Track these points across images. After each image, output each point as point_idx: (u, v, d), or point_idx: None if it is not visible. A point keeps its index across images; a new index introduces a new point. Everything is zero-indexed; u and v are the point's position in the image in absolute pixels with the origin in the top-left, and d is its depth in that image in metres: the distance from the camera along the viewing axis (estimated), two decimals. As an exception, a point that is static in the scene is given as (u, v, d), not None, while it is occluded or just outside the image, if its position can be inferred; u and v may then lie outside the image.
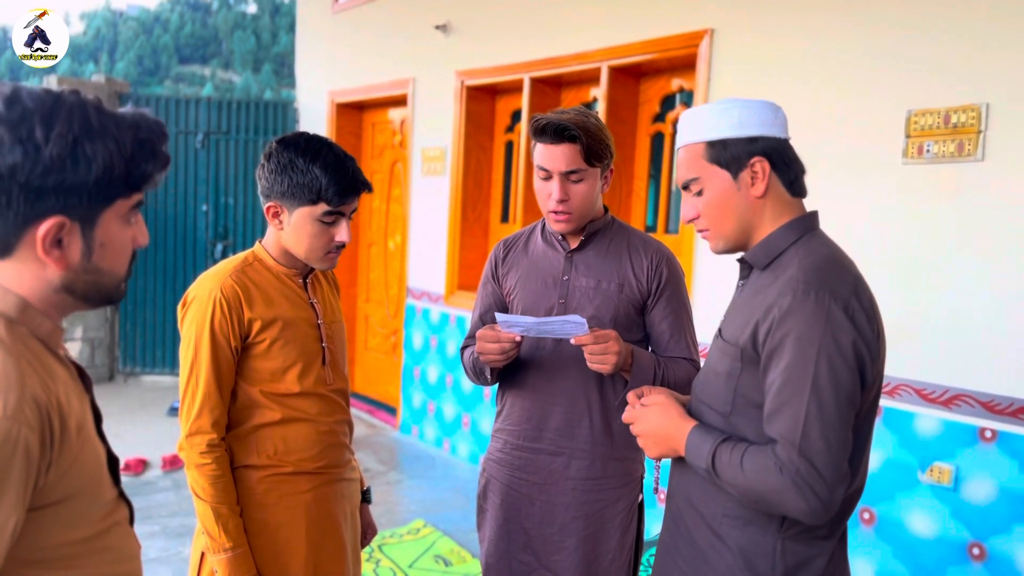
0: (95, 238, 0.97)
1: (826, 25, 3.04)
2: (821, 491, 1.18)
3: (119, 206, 0.98)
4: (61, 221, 0.93)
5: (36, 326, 0.97)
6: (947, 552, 2.72)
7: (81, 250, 0.96)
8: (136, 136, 0.97)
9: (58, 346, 1.02)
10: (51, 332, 1.00)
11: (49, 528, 0.95)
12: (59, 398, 0.94)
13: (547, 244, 1.95)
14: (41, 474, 0.90)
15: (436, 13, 4.98)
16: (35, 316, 0.97)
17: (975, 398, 2.66)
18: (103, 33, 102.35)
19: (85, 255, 0.97)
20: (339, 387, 1.83)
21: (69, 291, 0.99)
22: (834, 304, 1.22)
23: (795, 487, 1.18)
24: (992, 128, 2.61)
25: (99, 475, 1.02)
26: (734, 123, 1.34)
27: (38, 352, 0.96)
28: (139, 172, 0.98)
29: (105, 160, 0.93)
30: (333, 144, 1.70)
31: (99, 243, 0.97)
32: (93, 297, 1.02)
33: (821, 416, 1.19)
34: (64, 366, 1.02)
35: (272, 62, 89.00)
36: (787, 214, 1.36)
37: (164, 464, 4.50)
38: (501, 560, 1.94)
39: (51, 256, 0.94)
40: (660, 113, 4.02)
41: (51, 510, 0.94)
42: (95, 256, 0.98)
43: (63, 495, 0.95)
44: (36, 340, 0.97)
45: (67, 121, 0.91)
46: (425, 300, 5.21)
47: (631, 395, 1.48)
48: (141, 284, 6.55)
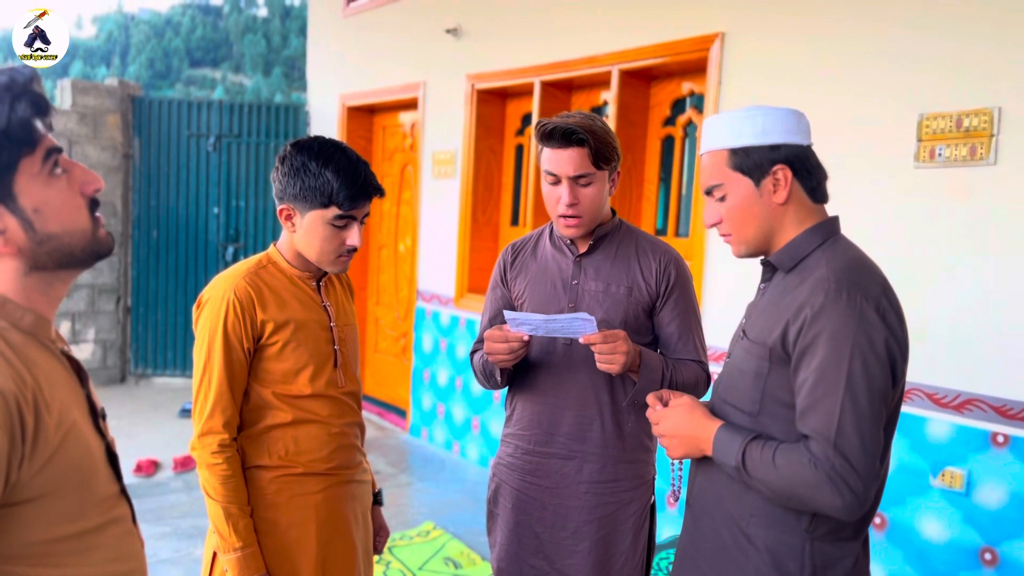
0: (24, 208, 0.93)
1: (837, 28, 3.04)
2: (856, 486, 1.19)
3: (27, 166, 0.93)
4: None
5: (17, 319, 0.95)
6: (959, 557, 2.71)
7: (20, 225, 0.93)
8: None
9: (47, 337, 1.00)
10: (35, 323, 0.97)
11: (31, 524, 0.92)
12: (36, 392, 0.91)
13: (556, 248, 1.95)
14: (13, 469, 0.88)
15: (447, 17, 5.00)
16: (14, 310, 0.95)
17: (987, 402, 2.65)
18: (115, 36, 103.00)
19: (27, 228, 0.93)
20: (351, 390, 1.84)
21: (40, 267, 0.96)
22: (866, 303, 1.24)
23: (830, 482, 1.20)
24: (1004, 132, 2.60)
25: (90, 470, 0.98)
26: (757, 131, 1.35)
27: (19, 345, 0.93)
28: (17, 123, 0.91)
29: None
30: (347, 148, 1.71)
31: (32, 210, 0.93)
32: (71, 261, 0.98)
33: (856, 412, 1.21)
34: (55, 357, 1.00)
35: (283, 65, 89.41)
36: (809, 219, 1.38)
37: (176, 465, 4.52)
38: (513, 564, 1.94)
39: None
40: (671, 117, 4.02)
41: (31, 506, 0.91)
42: (37, 224, 0.93)
43: (43, 491, 0.92)
44: (18, 332, 0.95)
45: None
46: (435, 303, 5.22)
47: (651, 397, 1.49)
48: (152, 286, 6.59)
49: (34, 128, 0.93)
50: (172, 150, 6.51)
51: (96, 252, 1.00)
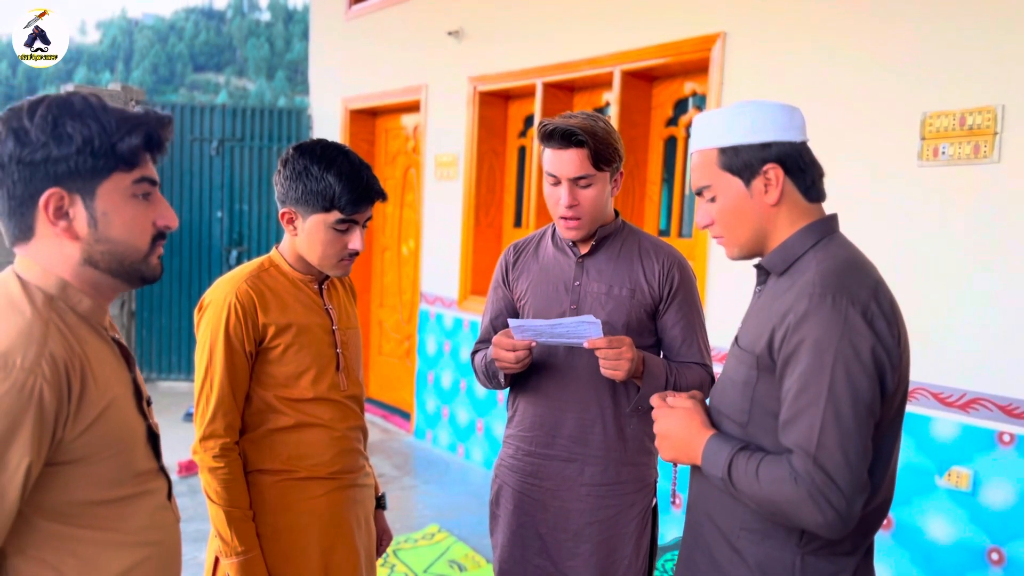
0: (96, 208, 1.07)
1: (839, 27, 3.03)
2: (838, 503, 1.13)
3: (117, 179, 1.07)
4: (57, 192, 1.04)
5: (75, 303, 1.08)
6: (965, 557, 2.70)
7: (87, 220, 1.07)
8: (121, 116, 1.07)
9: (100, 323, 1.12)
10: (91, 309, 1.10)
11: (73, 485, 1.04)
12: (84, 363, 1.04)
13: (558, 249, 1.94)
14: (59, 426, 1.00)
15: (449, 19, 5.00)
16: (74, 294, 1.09)
17: (993, 402, 2.64)
18: (119, 42, 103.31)
19: (91, 224, 1.07)
20: (353, 393, 1.83)
21: (91, 263, 1.08)
22: (852, 308, 1.18)
23: (811, 499, 1.14)
24: (1008, 130, 2.59)
25: (129, 443, 1.11)
26: (747, 128, 1.30)
27: (74, 325, 1.07)
28: (125, 146, 1.06)
29: (85, 135, 1.04)
30: (350, 152, 1.70)
31: (101, 212, 1.07)
32: (120, 271, 1.11)
33: (838, 425, 1.15)
34: (105, 342, 1.12)
35: (286, 69, 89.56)
36: (803, 219, 1.32)
37: (180, 469, 4.52)
38: (516, 566, 1.93)
39: (59, 227, 1.05)
40: (673, 117, 4.01)
41: (73, 467, 1.03)
42: (100, 225, 1.07)
43: (85, 453, 1.04)
44: (75, 315, 1.08)
45: (48, 107, 1.04)
46: (438, 305, 5.22)
47: (656, 398, 1.44)
48: (157, 290, 6.60)
49: (141, 155, 1.09)
50: (175, 154, 6.52)
51: (142, 272, 1.13)
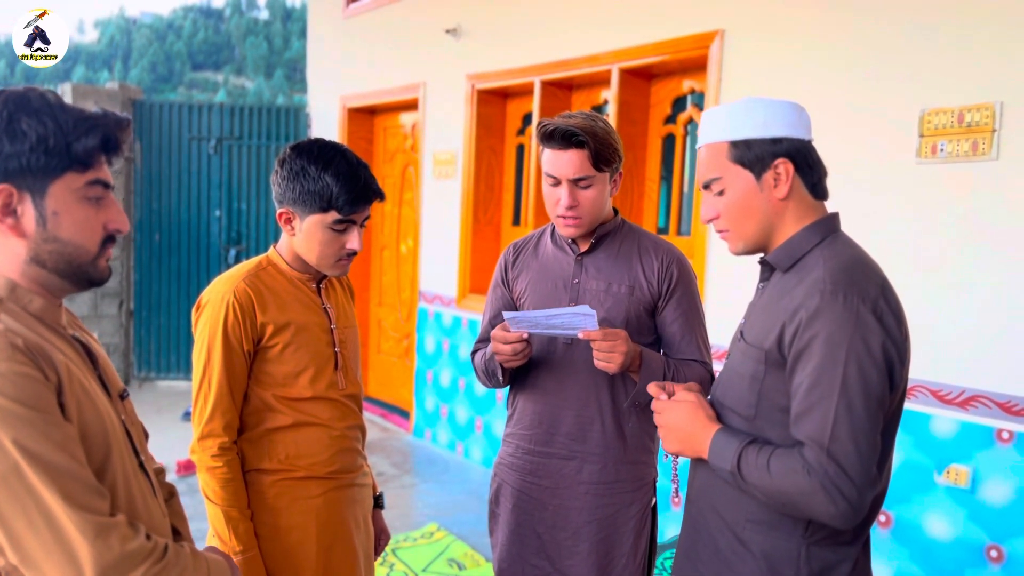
0: (47, 207, 1.05)
1: (838, 24, 3.03)
2: (850, 494, 1.17)
3: (70, 179, 1.05)
4: (7, 188, 1.03)
5: (26, 303, 1.07)
6: (964, 554, 2.70)
7: (35, 218, 1.04)
8: (79, 116, 1.06)
9: (56, 322, 1.10)
10: (44, 308, 1.08)
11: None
12: (52, 353, 1.02)
13: (557, 247, 1.94)
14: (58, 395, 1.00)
15: (446, 17, 5.00)
16: (24, 294, 1.07)
17: (992, 399, 2.64)
18: (117, 40, 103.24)
19: (40, 222, 1.05)
20: (351, 392, 1.83)
21: (38, 262, 1.06)
22: (863, 306, 1.21)
23: (823, 490, 1.17)
24: (1006, 127, 2.59)
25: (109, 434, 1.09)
26: (759, 123, 1.32)
27: (31, 324, 1.05)
28: (80, 147, 1.05)
29: (40, 133, 1.02)
30: (347, 151, 1.69)
31: (51, 211, 1.05)
32: (67, 272, 1.08)
33: (850, 418, 1.18)
34: (65, 340, 1.10)
35: (284, 67, 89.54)
36: (809, 216, 1.35)
37: (179, 469, 4.52)
38: (514, 564, 1.93)
39: (6, 223, 1.04)
40: (671, 115, 4.01)
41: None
42: (50, 224, 1.05)
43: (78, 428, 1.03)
44: (27, 314, 1.06)
45: (4, 103, 1.03)
46: (437, 303, 5.22)
47: (653, 386, 1.45)
48: (155, 289, 6.60)
49: (96, 156, 1.07)
50: (174, 153, 6.52)
51: (89, 274, 1.11)
